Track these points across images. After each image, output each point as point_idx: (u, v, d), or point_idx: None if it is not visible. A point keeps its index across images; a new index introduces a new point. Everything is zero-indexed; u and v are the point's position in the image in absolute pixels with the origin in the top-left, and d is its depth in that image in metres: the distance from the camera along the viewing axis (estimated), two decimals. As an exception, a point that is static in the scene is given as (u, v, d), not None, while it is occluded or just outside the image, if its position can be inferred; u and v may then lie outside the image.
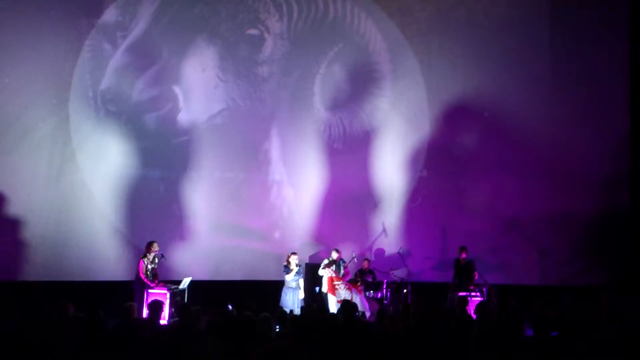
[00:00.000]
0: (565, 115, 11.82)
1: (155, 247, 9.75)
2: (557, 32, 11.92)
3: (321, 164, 11.83)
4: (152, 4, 11.24)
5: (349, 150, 11.88)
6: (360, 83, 11.96)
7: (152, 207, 11.12)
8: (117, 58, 10.98)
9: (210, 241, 11.36)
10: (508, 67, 11.85)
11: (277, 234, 11.68)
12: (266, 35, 11.67)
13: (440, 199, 11.84)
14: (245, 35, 11.62)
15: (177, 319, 8.60)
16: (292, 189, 11.83)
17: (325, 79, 11.81)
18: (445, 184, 11.86)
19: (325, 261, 10.40)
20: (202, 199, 11.38)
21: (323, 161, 11.82)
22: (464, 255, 10.64)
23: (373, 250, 11.79)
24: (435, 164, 11.96)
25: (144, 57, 11.11)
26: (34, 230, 10.44)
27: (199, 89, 11.44)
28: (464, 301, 8.37)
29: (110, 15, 11.00)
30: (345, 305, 7.23)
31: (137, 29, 11.10)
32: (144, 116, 11.14)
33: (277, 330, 6.49)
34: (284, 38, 11.75)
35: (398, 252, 11.19)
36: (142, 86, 11.11)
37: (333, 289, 10.06)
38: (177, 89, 11.28)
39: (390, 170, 11.98)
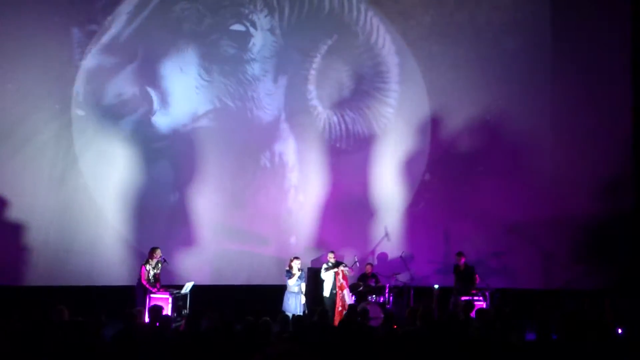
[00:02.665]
0: (567, 118, 11.79)
1: (158, 253, 9.73)
2: (559, 36, 11.90)
3: (323, 167, 11.81)
4: (129, 4, 10.99)
5: (350, 154, 11.85)
6: (362, 85, 11.92)
7: (156, 211, 11.11)
8: (88, 60, 10.78)
9: (213, 246, 11.34)
10: (509, 71, 11.82)
11: (280, 238, 11.64)
12: (252, 30, 11.35)
13: (443, 202, 11.80)
14: (229, 31, 11.33)
15: (178, 323, 8.62)
16: (295, 193, 11.81)
17: (324, 78, 11.68)
18: (448, 187, 11.83)
19: (325, 265, 10.43)
20: (206, 203, 11.37)
21: (324, 164, 11.81)
22: (462, 261, 10.63)
23: (376, 255, 11.77)
24: (437, 168, 11.93)
25: (117, 58, 10.90)
26: (37, 235, 10.46)
27: (177, 90, 11.16)
28: (470, 306, 8.36)
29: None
30: (352, 310, 7.22)
31: (112, 29, 10.85)
32: (119, 121, 10.93)
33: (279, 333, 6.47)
34: (275, 34, 11.51)
35: (401, 257, 11.18)
36: (114, 88, 10.89)
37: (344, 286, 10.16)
38: (151, 91, 11.02)
39: (392, 174, 11.96)
